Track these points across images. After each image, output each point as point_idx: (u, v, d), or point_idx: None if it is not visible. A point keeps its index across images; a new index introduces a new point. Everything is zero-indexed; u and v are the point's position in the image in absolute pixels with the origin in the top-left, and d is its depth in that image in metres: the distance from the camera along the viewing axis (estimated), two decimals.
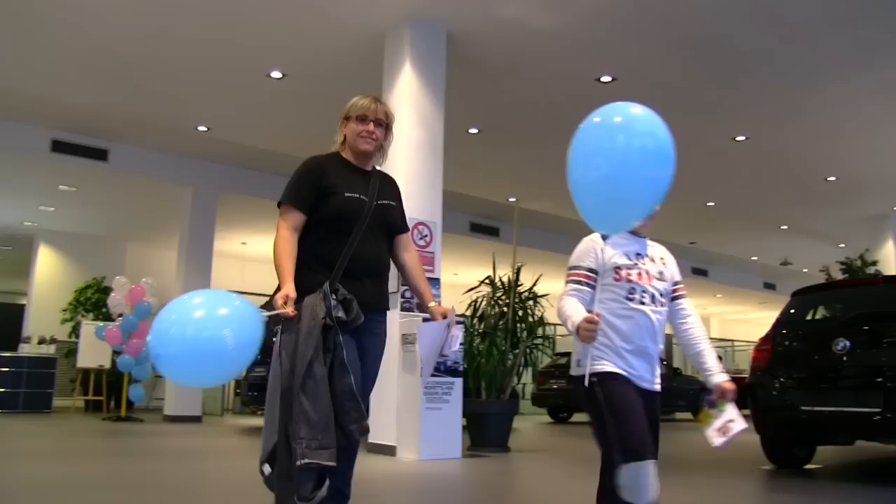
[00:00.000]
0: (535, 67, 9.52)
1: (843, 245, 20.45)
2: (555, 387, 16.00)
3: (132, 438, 9.72)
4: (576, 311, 2.76)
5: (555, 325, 11.85)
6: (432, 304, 3.35)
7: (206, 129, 12.04)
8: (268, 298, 3.00)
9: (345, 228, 3.11)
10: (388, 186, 3.41)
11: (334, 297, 2.96)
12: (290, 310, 2.86)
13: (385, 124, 3.34)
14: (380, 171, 3.43)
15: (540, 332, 9.41)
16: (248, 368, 12.69)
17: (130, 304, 13.00)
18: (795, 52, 9.09)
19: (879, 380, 5.86)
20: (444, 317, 3.29)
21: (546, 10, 8.25)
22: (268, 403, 3.00)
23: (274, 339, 2.97)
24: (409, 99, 8.45)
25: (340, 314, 2.94)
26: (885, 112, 11.35)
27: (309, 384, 2.79)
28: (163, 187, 13.96)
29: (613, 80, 9.76)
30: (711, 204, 17.20)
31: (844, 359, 6.07)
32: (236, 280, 18.32)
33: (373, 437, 8.27)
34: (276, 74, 9.84)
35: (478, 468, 7.11)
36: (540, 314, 9.42)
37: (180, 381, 3.01)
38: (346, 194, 3.15)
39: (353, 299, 2.99)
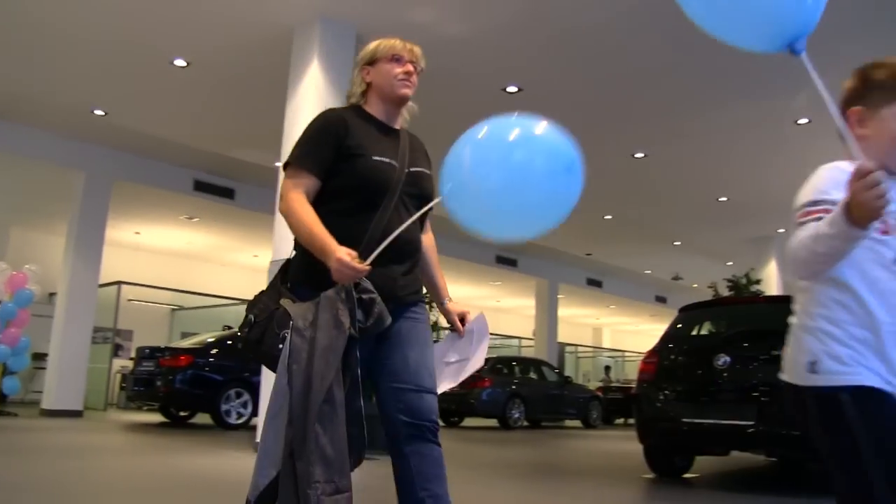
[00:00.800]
0: (442, 74, 9.55)
1: (730, 263, 21.20)
2: (447, 391, 15.99)
3: (4, 435, 9.30)
4: (817, 228, 1.76)
5: (447, 328, 11.91)
6: (448, 302, 2.85)
7: (103, 113, 11.61)
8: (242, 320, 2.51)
9: (371, 200, 2.50)
10: (420, 151, 2.82)
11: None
12: (363, 266, 2.28)
13: (419, 71, 2.76)
14: (408, 132, 2.83)
15: (435, 336, 9.41)
16: (136, 362, 12.36)
17: (10, 292, 12.41)
18: (693, 74, 9.38)
19: (755, 394, 6.10)
20: (463, 321, 2.82)
21: (456, 18, 8.29)
22: (266, 425, 2.33)
23: (280, 345, 2.35)
24: (315, 97, 8.36)
25: (359, 318, 2.34)
26: (771, 140, 11.84)
27: (326, 411, 2.22)
28: (52, 170, 13.38)
29: (519, 90, 9.87)
30: (609, 217, 17.58)
31: (724, 374, 6.29)
32: (128, 271, 17.78)
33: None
34: (179, 63, 9.57)
35: (366, 471, 7.02)
36: (434, 319, 9.40)
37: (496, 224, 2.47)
38: (375, 158, 2.53)
39: (375, 299, 2.38)
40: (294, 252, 2.59)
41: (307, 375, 2.24)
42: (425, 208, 2.57)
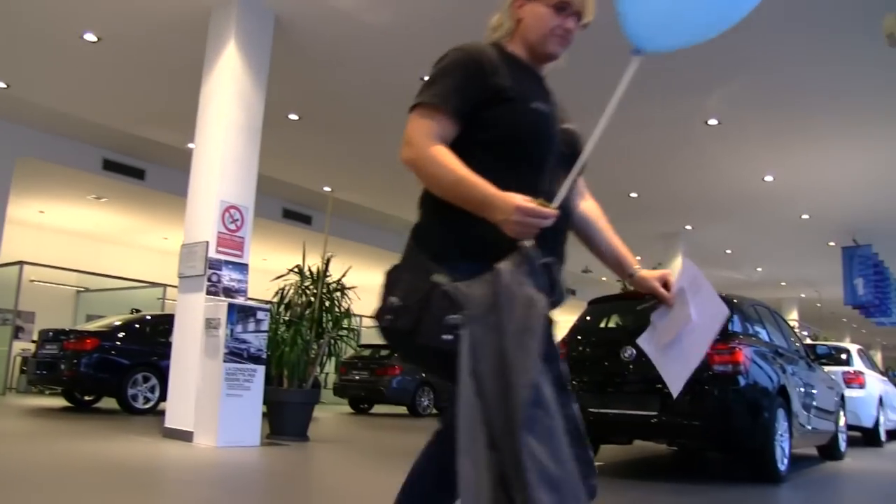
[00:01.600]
0: (360, 60, 9.54)
1: (639, 257, 21.55)
2: (357, 378, 16.10)
3: None
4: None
5: (360, 316, 11.95)
6: (639, 270, 2.26)
7: (4, 85, 11.19)
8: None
9: (527, 157, 2.01)
10: (560, 104, 2.25)
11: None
12: (551, 209, 1.81)
13: (582, 26, 2.18)
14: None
15: (345, 323, 9.44)
16: (39, 345, 12.03)
17: None
18: (607, 69, 9.59)
19: (658, 386, 6.31)
20: (666, 287, 2.20)
21: (376, 5, 8.30)
22: (462, 462, 1.72)
23: (446, 336, 1.80)
24: (230, 79, 8.27)
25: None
26: (681, 139, 12.22)
27: (538, 417, 1.67)
28: None
29: None
30: None
31: (630, 366, 6.50)
32: (31, 250, 17.20)
33: (169, 422, 8.07)
34: (89, 37, 9.31)
35: (275, 456, 7.07)
36: (347, 306, 9.46)
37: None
38: (532, 105, 2.04)
39: (553, 264, 2.02)
40: (424, 216, 2.05)
41: (502, 374, 1.69)
42: (579, 164, 2.03)
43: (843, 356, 12.20)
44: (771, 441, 6.34)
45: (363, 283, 10.24)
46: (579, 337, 7.18)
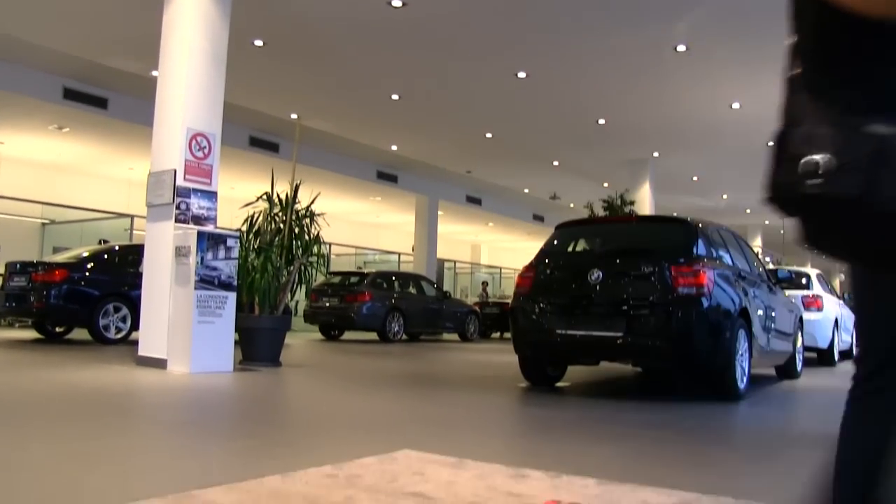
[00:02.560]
0: None
1: (606, 184, 21.87)
2: (327, 305, 16.22)
3: None
4: None
5: (329, 244, 11.98)
6: None
7: None
8: None
9: None
10: None
11: None
12: None
13: None
14: None
15: (315, 250, 9.46)
16: (7, 278, 11.95)
17: None
18: None
19: (625, 308, 6.47)
20: None
21: None
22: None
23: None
24: (193, 4, 8.12)
25: None
26: (650, 65, 12.21)
27: None
28: None
29: (404, 5, 9.81)
30: (489, 136, 17.81)
31: (597, 288, 6.63)
32: None
33: (143, 350, 8.12)
34: None
35: (248, 381, 7.17)
36: (316, 232, 9.47)
37: None
38: None
39: None
40: (828, 66, 1.50)
41: None
42: None
43: (803, 280, 12.48)
44: (731, 361, 6.52)
45: (332, 211, 10.25)
46: (547, 260, 7.27)
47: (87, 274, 11.56)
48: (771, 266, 15.43)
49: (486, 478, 3.20)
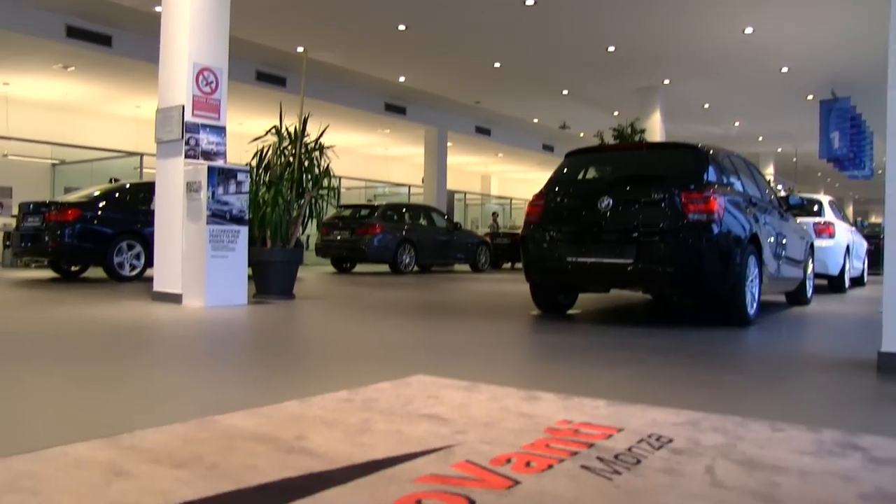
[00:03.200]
0: None
1: (617, 113, 21.69)
2: (338, 238, 16.30)
3: None
4: None
5: (339, 177, 11.97)
6: None
7: None
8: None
9: None
10: None
11: None
12: None
13: None
14: None
15: (325, 182, 9.49)
16: (21, 218, 12.05)
17: None
18: None
19: (635, 235, 6.50)
20: None
21: None
22: None
23: None
24: None
25: None
26: None
27: None
28: None
29: None
30: (498, 65, 17.62)
31: (607, 216, 6.65)
32: (0, 124, 16.92)
33: (158, 286, 8.21)
34: None
35: (263, 313, 7.27)
36: (326, 165, 9.47)
37: None
38: None
39: None
40: None
41: None
42: None
43: (815, 207, 12.44)
44: (741, 287, 6.56)
45: (341, 144, 10.23)
46: (557, 189, 7.28)
47: (100, 213, 11.63)
48: (783, 193, 15.38)
49: (498, 400, 3.27)
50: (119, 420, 2.87)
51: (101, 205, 11.74)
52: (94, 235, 11.43)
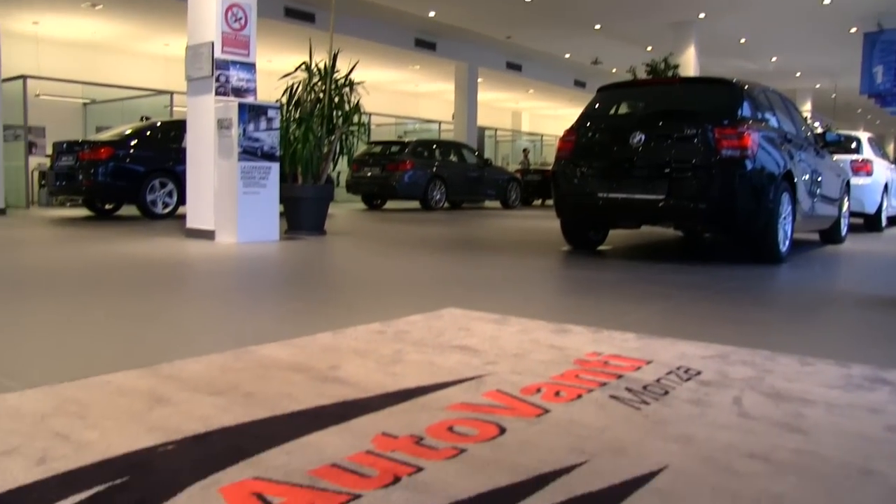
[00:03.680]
0: None
1: (650, 48, 21.32)
2: (369, 174, 16.33)
3: None
4: None
5: (370, 114, 11.94)
6: None
7: None
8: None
9: None
10: None
11: None
12: None
13: None
14: None
15: (356, 119, 9.47)
16: (55, 157, 12.16)
17: None
18: None
19: (667, 171, 6.45)
20: None
21: None
22: None
23: None
24: None
25: None
26: None
27: None
28: None
29: None
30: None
31: (639, 151, 6.59)
32: (31, 64, 16.96)
33: (191, 223, 8.31)
34: None
35: (295, 248, 7.34)
36: (356, 101, 9.44)
37: None
38: None
39: None
40: None
41: None
42: None
43: (853, 144, 12.21)
44: (774, 224, 6.51)
45: (371, 81, 10.17)
46: (589, 124, 7.22)
47: (132, 151, 11.72)
48: (819, 130, 15.10)
49: (529, 332, 3.31)
50: (158, 351, 2.94)
51: (132, 143, 11.81)
52: (127, 173, 11.53)
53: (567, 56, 24.60)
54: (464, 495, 1.59)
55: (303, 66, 9.34)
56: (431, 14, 19.08)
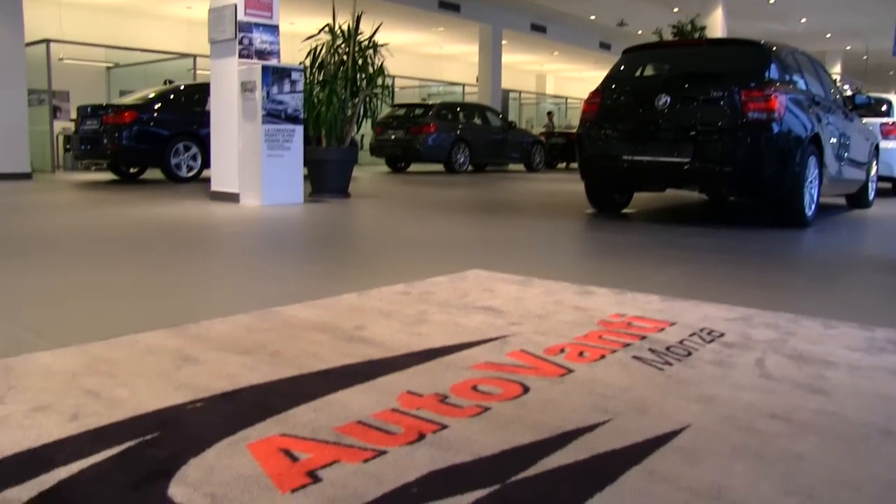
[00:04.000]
0: None
1: (676, 10, 21.03)
2: (393, 137, 16.31)
3: None
4: None
5: (393, 76, 11.90)
6: None
7: None
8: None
9: None
10: None
11: None
12: None
13: None
14: None
15: (379, 81, 9.44)
16: (79, 121, 12.22)
17: None
18: None
19: (692, 134, 6.40)
20: None
21: None
22: None
23: None
24: None
25: None
26: None
27: None
28: None
29: None
30: None
31: (665, 113, 6.54)
32: (54, 28, 17.00)
33: (216, 186, 8.36)
34: None
35: (319, 211, 7.37)
36: (380, 63, 9.41)
37: None
38: None
39: None
40: None
41: None
42: None
43: (884, 107, 12.01)
44: (800, 188, 6.45)
45: (394, 43, 10.12)
46: (614, 86, 7.16)
47: (156, 114, 11.76)
48: (848, 93, 14.88)
49: (552, 294, 3.32)
50: (185, 312, 2.98)
51: (156, 107, 11.85)
52: (151, 137, 11.58)
53: (592, 18, 24.32)
54: (488, 452, 1.62)
55: (326, 29, 9.31)
56: None
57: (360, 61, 9.27)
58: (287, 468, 1.52)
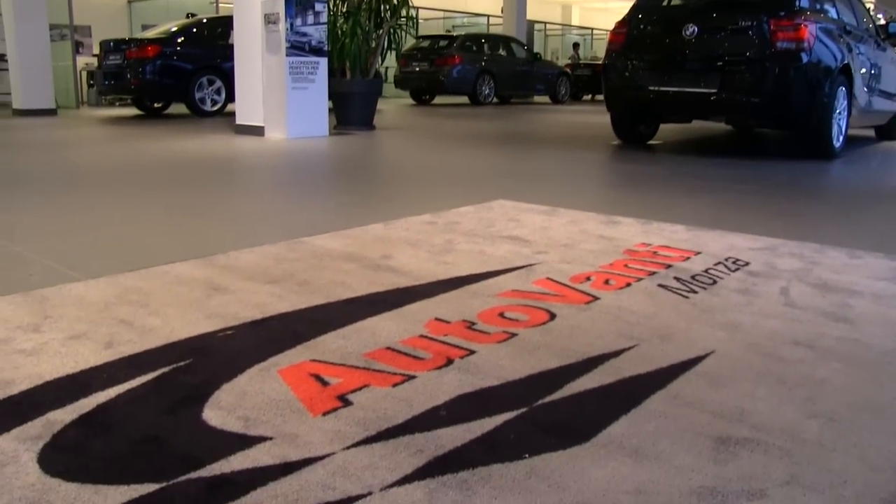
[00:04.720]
0: None
1: None
2: (417, 69, 16.17)
3: None
4: None
5: (417, 8, 11.75)
6: None
7: None
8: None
9: None
10: None
11: None
12: None
13: None
14: None
15: (403, 12, 9.32)
16: (102, 56, 12.19)
17: None
18: None
19: (720, 64, 6.31)
20: None
21: None
22: None
23: None
24: None
25: None
26: None
27: None
28: None
29: None
30: None
31: (692, 43, 6.44)
32: None
33: (240, 119, 8.36)
34: None
35: (344, 143, 7.37)
36: None
37: None
38: None
39: None
40: None
41: None
42: None
43: None
44: (828, 119, 6.36)
45: None
46: (640, 16, 7.04)
47: (179, 48, 11.70)
48: (882, 21, 14.49)
49: (578, 223, 3.33)
50: (213, 243, 3.02)
51: (179, 40, 11.79)
52: (175, 71, 11.55)
53: None
54: (515, 376, 1.65)
55: None
56: None
57: None
58: (318, 392, 1.57)
